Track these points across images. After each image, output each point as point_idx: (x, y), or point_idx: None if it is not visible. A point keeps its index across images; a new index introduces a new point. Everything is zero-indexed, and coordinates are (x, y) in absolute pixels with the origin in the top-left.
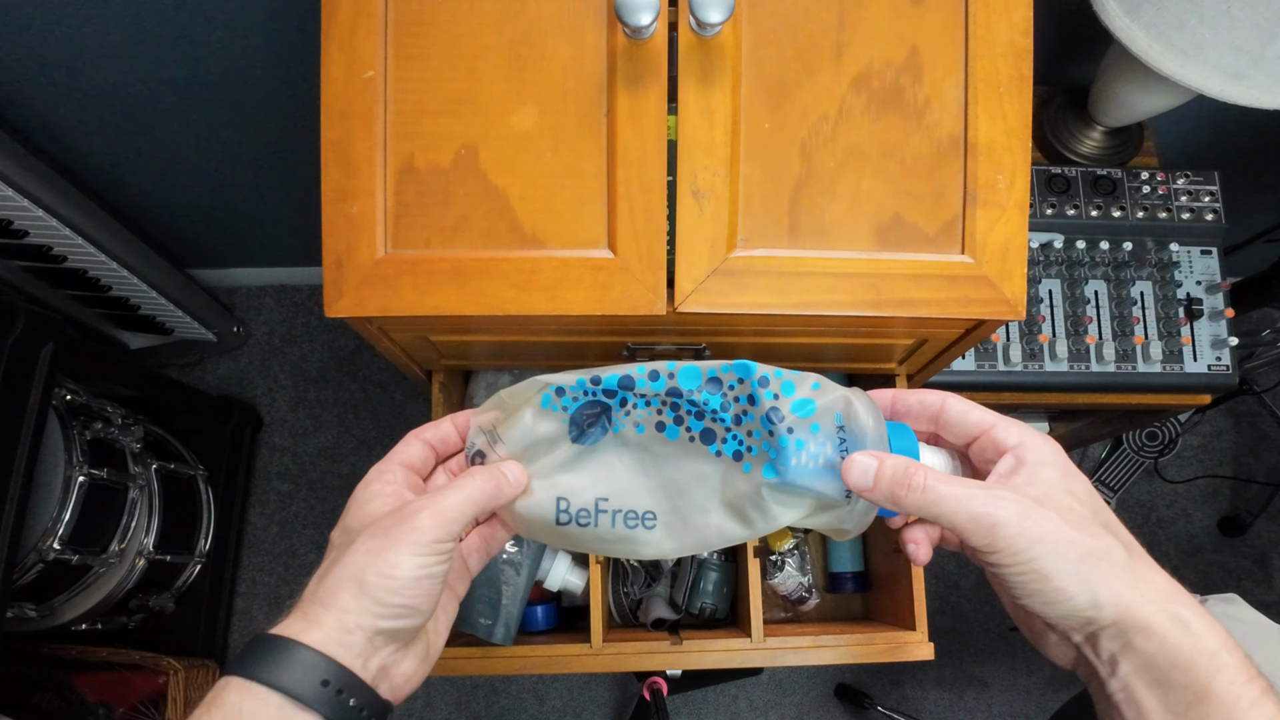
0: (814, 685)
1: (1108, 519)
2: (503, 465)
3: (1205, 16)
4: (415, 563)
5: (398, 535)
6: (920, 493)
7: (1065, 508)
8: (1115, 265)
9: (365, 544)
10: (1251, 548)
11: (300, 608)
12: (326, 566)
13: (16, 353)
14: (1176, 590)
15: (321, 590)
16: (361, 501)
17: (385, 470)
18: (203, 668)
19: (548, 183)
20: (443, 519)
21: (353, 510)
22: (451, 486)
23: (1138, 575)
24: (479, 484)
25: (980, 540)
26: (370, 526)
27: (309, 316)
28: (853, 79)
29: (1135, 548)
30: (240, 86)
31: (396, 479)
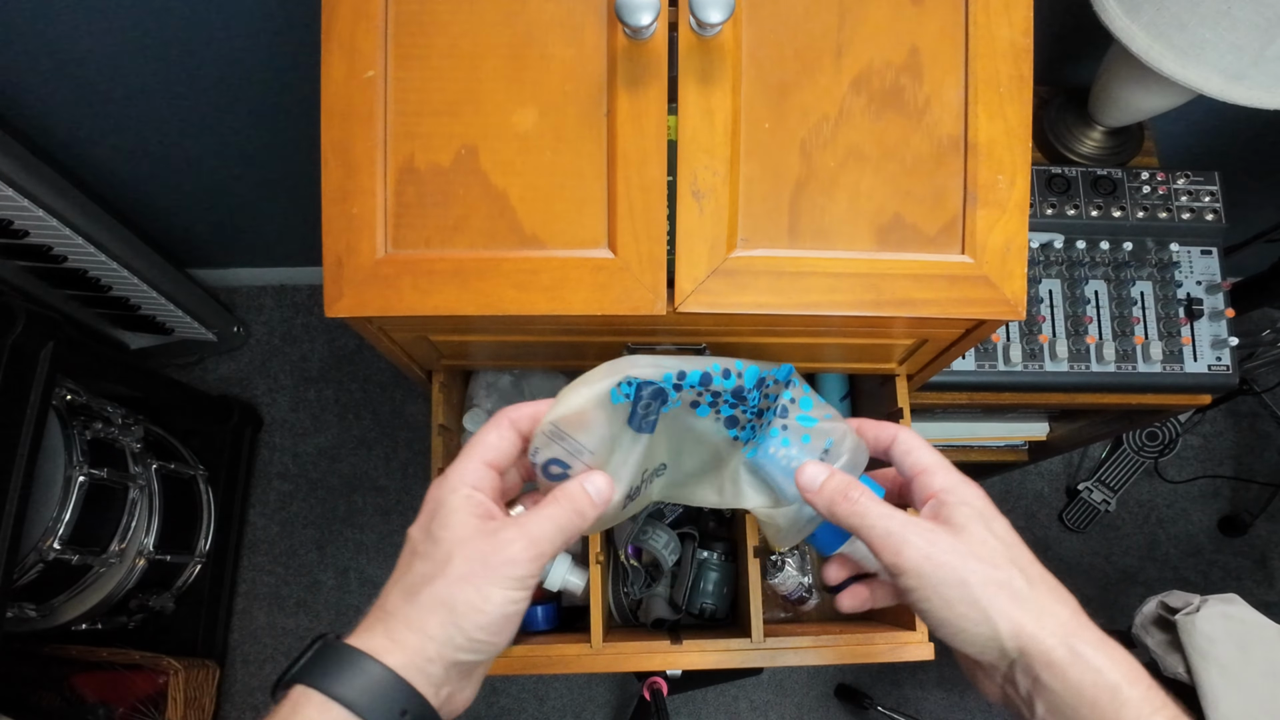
0: (814, 685)
1: (1018, 553)
2: (587, 481)
3: (1205, 16)
4: (506, 597)
5: (494, 564)
6: (852, 504)
7: (979, 541)
8: (1115, 265)
9: (459, 568)
10: (1251, 548)
11: (383, 619)
12: (415, 581)
13: (16, 353)
14: (1079, 623)
15: (409, 609)
16: (449, 508)
17: (469, 471)
18: (203, 668)
19: (548, 183)
20: (536, 551)
21: (440, 516)
22: (542, 514)
23: (1039, 607)
24: (564, 509)
25: (889, 558)
26: (462, 547)
27: (309, 316)
28: (853, 79)
29: (1042, 581)
30: (240, 86)
31: (482, 483)
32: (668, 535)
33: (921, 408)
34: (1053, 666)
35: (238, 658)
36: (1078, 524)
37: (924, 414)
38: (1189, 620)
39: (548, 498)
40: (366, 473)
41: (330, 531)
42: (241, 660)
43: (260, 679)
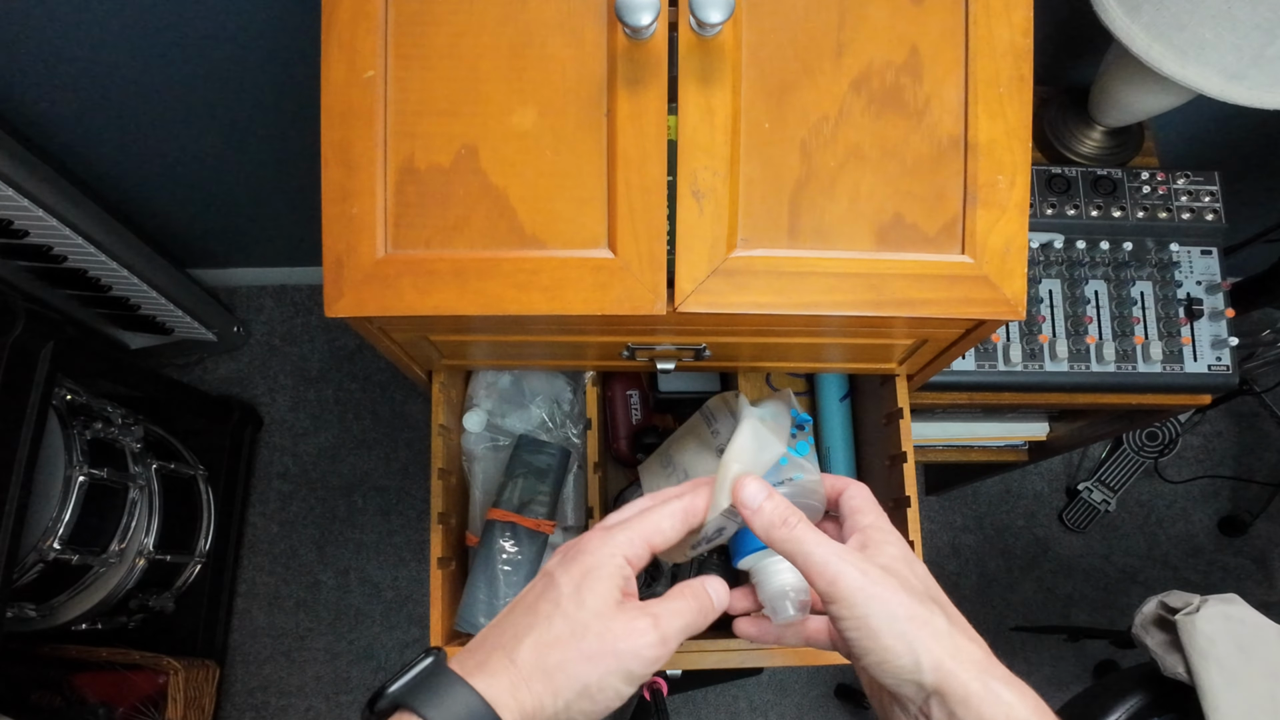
0: (814, 685)
1: (937, 594)
2: (709, 583)
3: (1205, 16)
4: (618, 691)
5: (623, 654)
6: (789, 530)
7: (903, 578)
8: (1115, 265)
9: (592, 645)
10: (1251, 548)
11: (510, 671)
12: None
13: (16, 353)
14: (991, 661)
15: (540, 671)
16: (602, 573)
17: (630, 545)
18: (203, 668)
19: (548, 183)
20: (664, 649)
21: (591, 580)
22: (672, 609)
23: (956, 645)
24: (693, 610)
25: (823, 586)
26: (599, 621)
27: (309, 316)
28: (853, 79)
29: (959, 620)
30: (240, 86)
31: (636, 561)
32: None
33: (921, 408)
34: (969, 701)
35: (238, 658)
36: (1078, 524)
37: (924, 414)
38: (1189, 620)
39: (677, 593)
40: (366, 473)
41: (330, 531)
42: (241, 660)
43: (260, 679)
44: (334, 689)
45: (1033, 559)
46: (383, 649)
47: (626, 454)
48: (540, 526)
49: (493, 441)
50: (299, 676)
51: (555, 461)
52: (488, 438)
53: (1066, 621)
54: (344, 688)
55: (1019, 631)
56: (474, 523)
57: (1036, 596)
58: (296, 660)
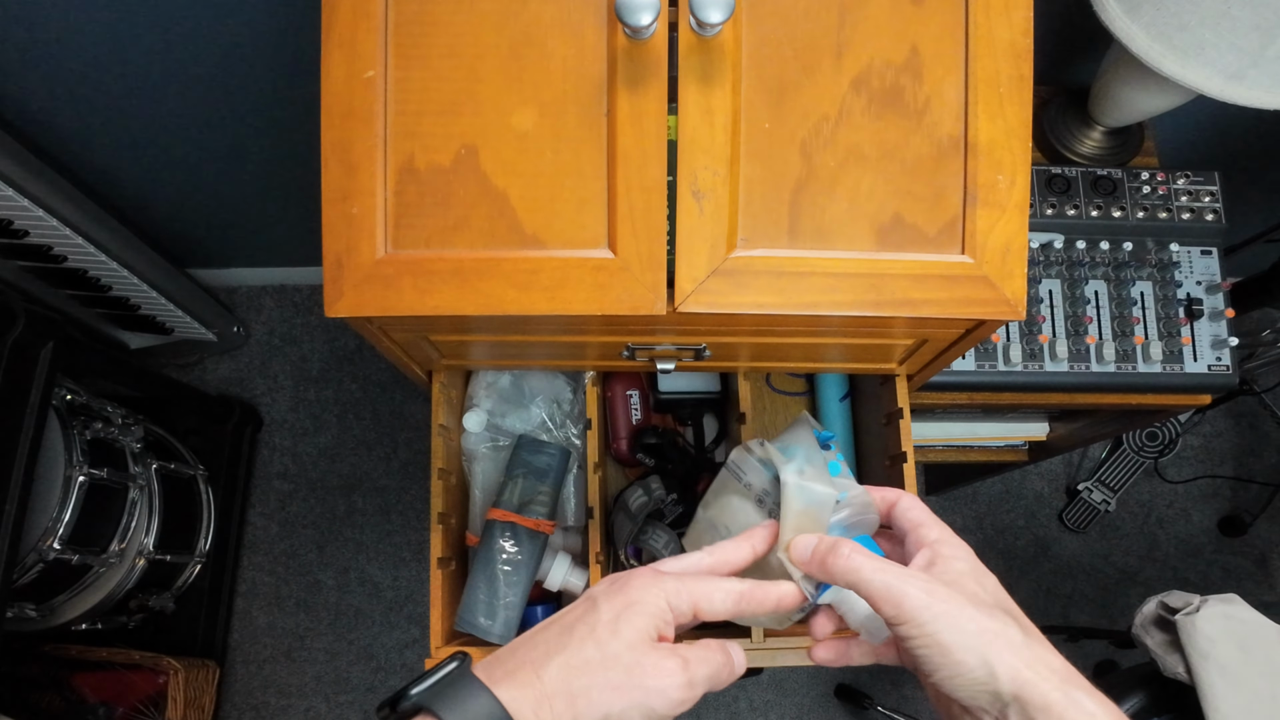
0: (814, 685)
1: (1009, 606)
2: (732, 649)
3: (1205, 17)
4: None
5: (649, 689)
6: (845, 560)
7: (970, 592)
8: (1115, 265)
9: (618, 676)
10: (1251, 548)
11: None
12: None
13: (16, 353)
14: (1071, 672)
15: (564, 693)
16: (644, 609)
17: (679, 596)
18: (203, 668)
19: (548, 183)
20: (689, 694)
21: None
22: (702, 658)
23: (1034, 655)
24: (720, 664)
25: (889, 610)
26: (631, 652)
27: (309, 316)
28: (853, 79)
29: (1033, 632)
30: (241, 86)
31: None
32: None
33: (921, 408)
34: (1049, 709)
35: (238, 658)
36: (1078, 524)
37: (924, 414)
38: (1189, 620)
39: (705, 644)
40: (366, 473)
41: (330, 531)
42: (241, 660)
43: (260, 679)
44: (334, 689)
45: (1033, 559)
46: (383, 649)
47: (626, 454)
48: (540, 526)
49: (493, 441)
50: (299, 676)
51: (555, 461)
52: (488, 438)
53: (1066, 621)
54: (344, 688)
55: None
56: (474, 523)
57: (1036, 596)
58: (296, 660)
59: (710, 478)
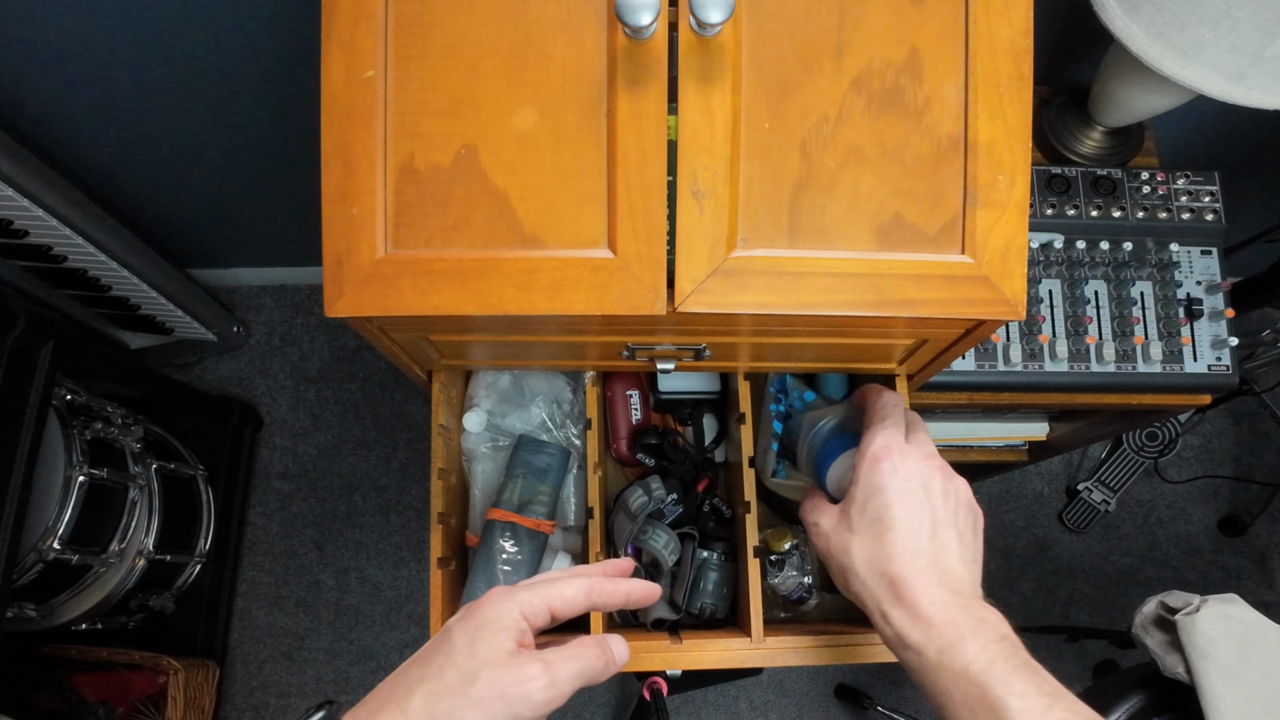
0: (814, 685)
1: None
2: (613, 643)
3: (1205, 17)
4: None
5: (511, 698)
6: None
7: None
8: (1115, 265)
9: (480, 691)
10: (1251, 548)
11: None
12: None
13: (16, 353)
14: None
15: (427, 711)
16: (497, 626)
17: (529, 604)
18: (203, 668)
19: (548, 183)
20: (555, 693)
21: (486, 633)
22: (568, 655)
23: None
24: (592, 659)
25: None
26: (490, 669)
27: (309, 316)
28: (853, 79)
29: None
30: (241, 86)
31: (535, 618)
32: (668, 535)
33: (921, 408)
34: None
35: (238, 658)
36: (1077, 524)
37: (924, 414)
38: (1189, 620)
39: (579, 644)
40: (366, 473)
41: (330, 531)
42: (241, 660)
43: (260, 679)
44: (334, 689)
45: (1033, 559)
46: (383, 649)
47: (626, 454)
48: (540, 526)
49: (493, 441)
50: (299, 676)
51: (555, 461)
52: (488, 438)
53: (1066, 621)
54: (344, 688)
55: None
56: (474, 523)
57: (1036, 596)
58: (296, 660)
59: (710, 478)
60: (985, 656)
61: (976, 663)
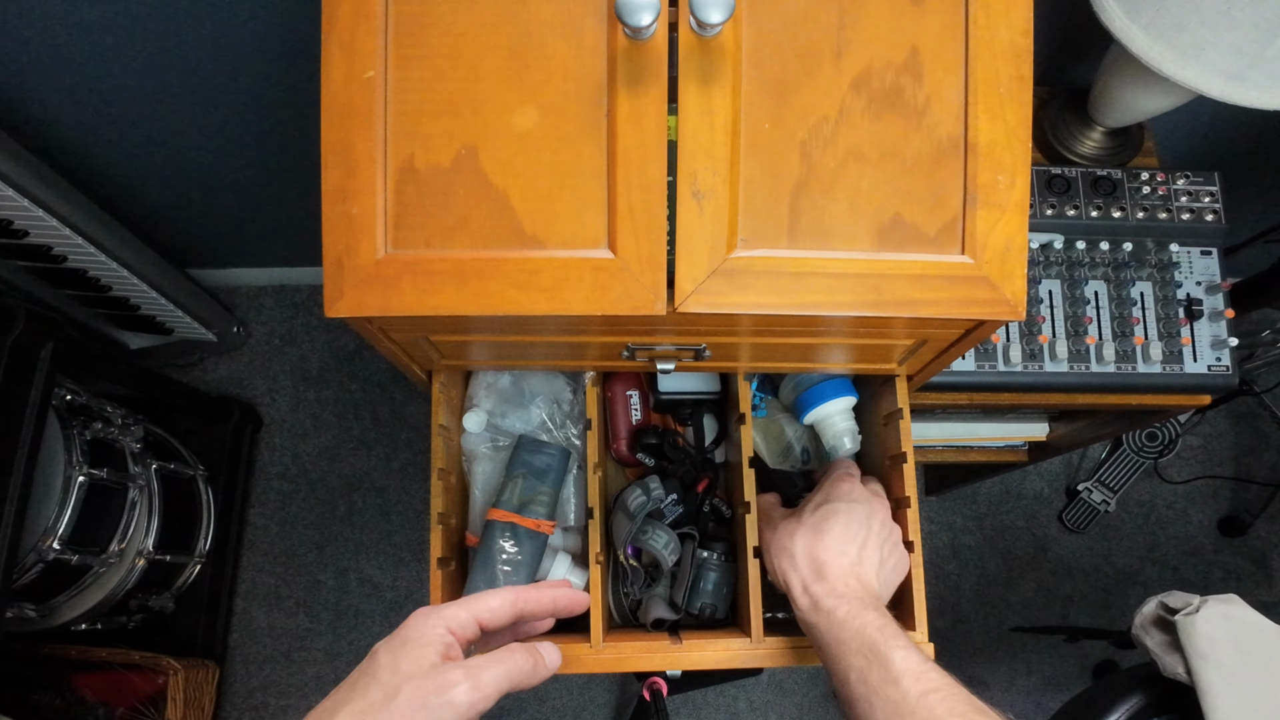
0: (814, 685)
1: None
2: (544, 649)
3: (1205, 17)
4: None
5: (434, 706)
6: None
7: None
8: (1115, 266)
9: (402, 705)
10: (1251, 548)
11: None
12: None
13: (16, 353)
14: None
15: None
16: (419, 642)
17: (453, 617)
18: (202, 668)
19: (548, 183)
20: (479, 695)
21: (408, 647)
22: (492, 659)
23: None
24: (519, 662)
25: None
26: (410, 683)
27: (309, 316)
28: (853, 79)
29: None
30: (240, 86)
31: (462, 630)
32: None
33: (921, 408)
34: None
35: (237, 658)
36: (1077, 524)
37: (924, 414)
38: (1189, 621)
39: (507, 649)
40: (366, 473)
41: (330, 532)
42: (241, 660)
43: (260, 679)
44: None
45: (1032, 559)
46: None
47: (626, 454)
48: (540, 527)
49: (493, 441)
50: (299, 676)
51: (555, 461)
52: (488, 438)
53: (1066, 621)
54: None
55: (1019, 632)
56: (474, 523)
57: (1036, 597)
58: (296, 660)
59: (710, 478)
60: (880, 623)
61: (872, 625)
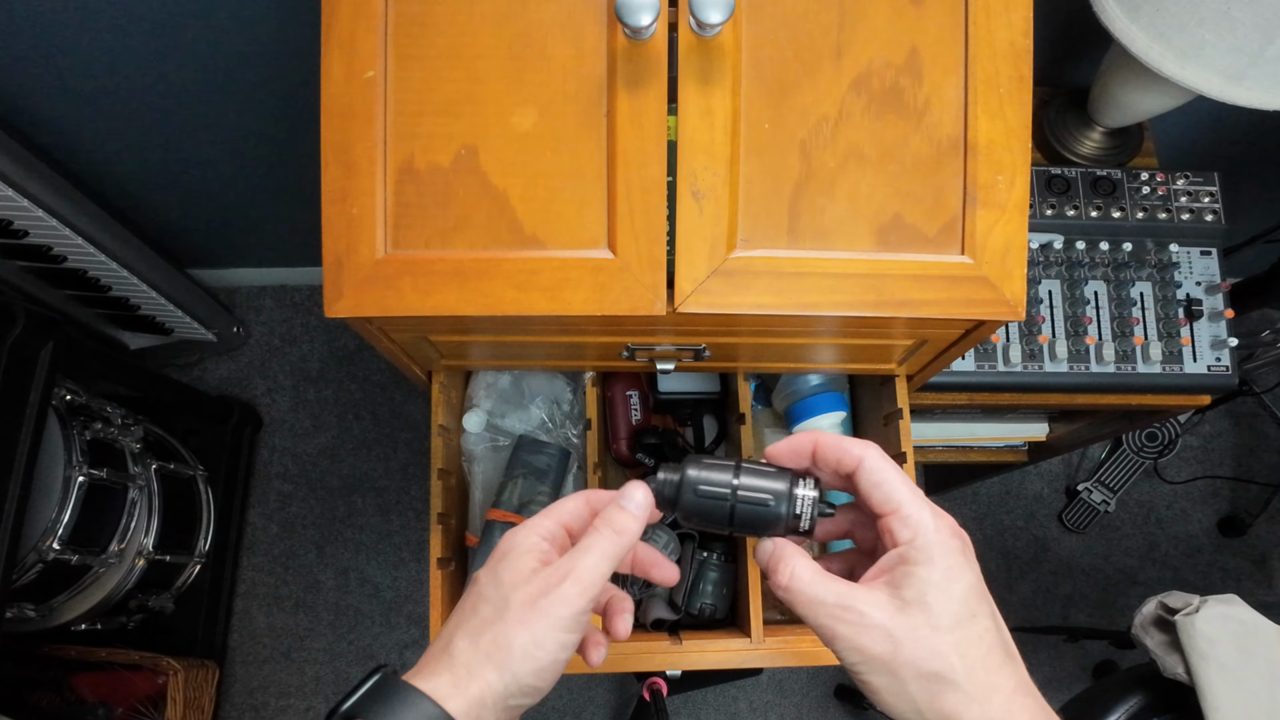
0: (814, 686)
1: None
2: (623, 498)
3: (1205, 18)
4: (558, 641)
5: (544, 606)
6: (784, 592)
7: (919, 623)
8: (1115, 266)
9: (516, 612)
10: (1251, 548)
11: (448, 664)
12: (479, 625)
13: (16, 353)
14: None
15: (473, 654)
16: (516, 553)
17: (540, 525)
18: (202, 668)
19: (548, 183)
20: (584, 585)
21: (507, 560)
22: (582, 547)
23: (974, 695)
24: (607, 536)
25: (824, 643)
26: (518, 590)
27: (309, 316)
28: (853, 79)
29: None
30: (240, 86)
31: (551, 536)
32: (667, 535)
33: (921, 408)
34: None
35: (237, 658)
36: (1077, 524)
37: (924, 414)
38: (1189, 621)
39: (590, 528)
40: (366, 473)
41: (330, 532)
42: (241, 660)
43: (260, 679)
44: (334, 689)
45: (1032, 559)
46: (383, 649)
47: (626, 454)
48: None
49: (493, 441)
50: (299, 676)
51: (555, 462)
52: (488, 438)
53: (1066, 621)
54: (344, 688)
55: (1019, 632)
56: (474, 523)
57: (1036, 597)
58: (296, 660)
59: None
60: None
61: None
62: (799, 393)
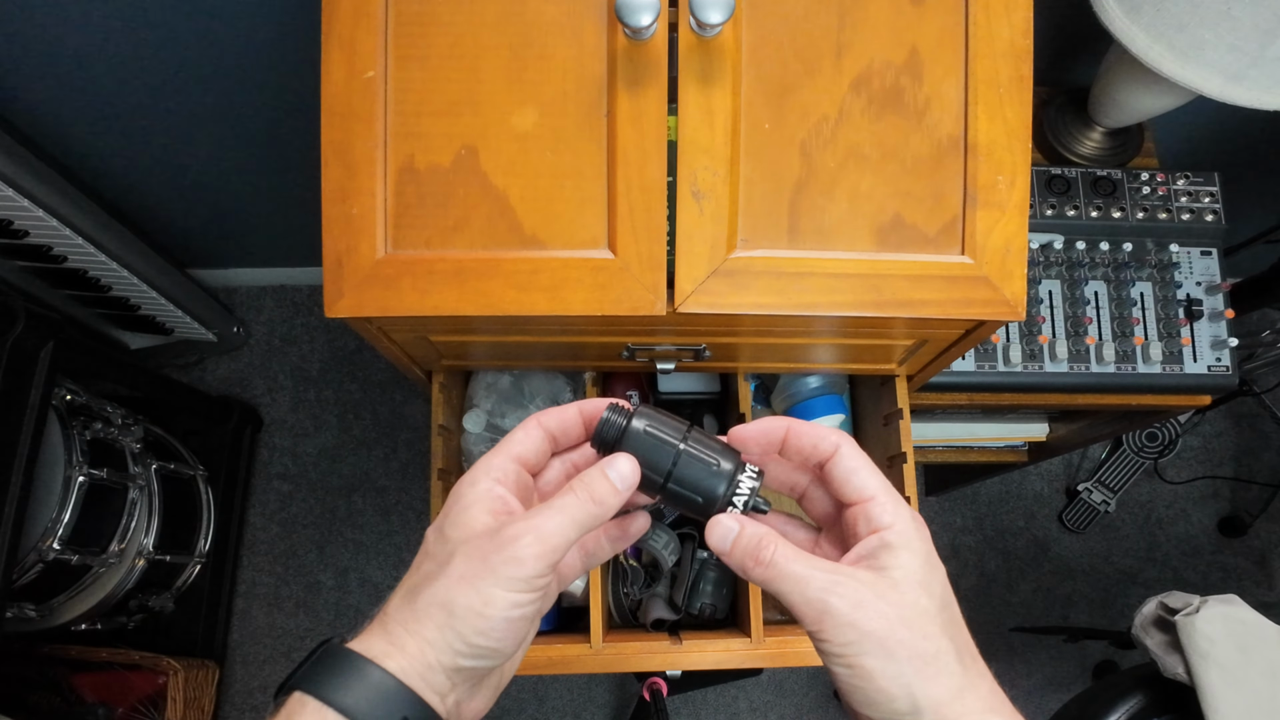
0: (814, 686)
1: (952, 615)
2: (609, 467)
3: (1205, 18)
4: (509, 600)
5: (495, 564)
6: (765, 568)
7: (910, 602)
8: (1115, 266)
9: (460, 567)
10: (1251, 548)
11: (383, 623)
12: (418, 581)
13: (16, 353)
14: (998, 700)
15: (408, 611)
16: (464, 503)
17: (493, 466)
18: (202, 668)
19: (548, 183)
20: (545, 547)
21: (453, 513)
22: (553, 506)
23: (965, 682)
24: (584, 500)
25: (811, 625)
26: (468, 544)
27: (309, 316)
28: (853, 80)
29: (968, 650)
30: (241, 86)
31: (507, 478)
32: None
33: (921, 408)
34: None
35: (237, 658)
36: (1077, 524)
37: (924, 414)
38: (1189, 621)
39: (565, 487)
40: (366, 473)
41: (330, 532)
42: (241, 660)
43: (260, 679)
44: None
45: (1032, 559)
46: None
47: None
48: None
49: (493, 441)
50: None
51: None
52: (488, 438)
53: (1066, 622)
54: None
55: (1018, 632)
56: None
57: (1036, 597)
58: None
59: None
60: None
61: None
62: (798, 395)
